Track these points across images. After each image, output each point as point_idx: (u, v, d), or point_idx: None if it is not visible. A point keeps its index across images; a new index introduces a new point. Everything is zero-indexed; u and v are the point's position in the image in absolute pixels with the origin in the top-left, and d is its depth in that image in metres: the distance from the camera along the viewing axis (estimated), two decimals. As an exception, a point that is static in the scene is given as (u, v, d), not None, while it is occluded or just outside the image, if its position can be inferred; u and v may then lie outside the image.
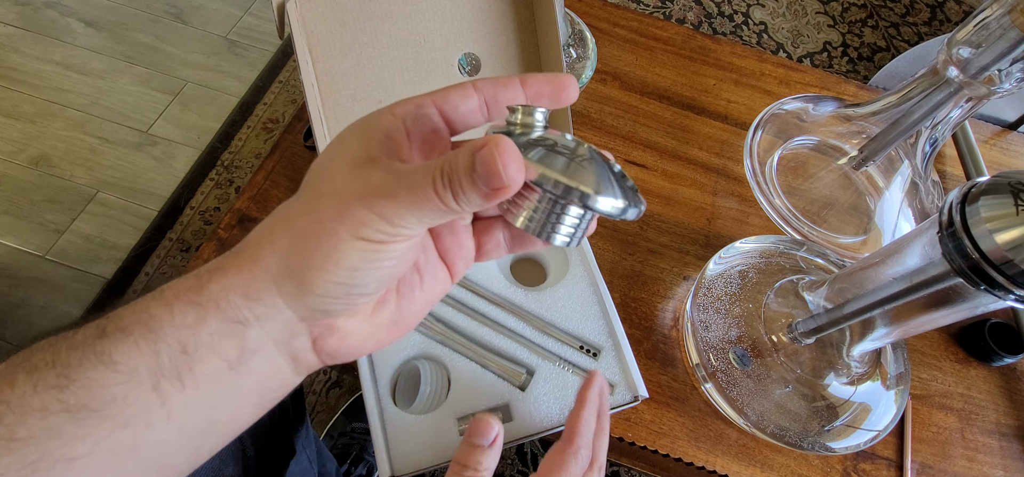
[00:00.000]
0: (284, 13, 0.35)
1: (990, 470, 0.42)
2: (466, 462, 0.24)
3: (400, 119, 0.21)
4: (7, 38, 1.27)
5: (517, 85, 0.21)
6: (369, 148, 0.20)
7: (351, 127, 0.21)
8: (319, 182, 0.20)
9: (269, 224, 0.21)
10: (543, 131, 0.20)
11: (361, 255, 0.19)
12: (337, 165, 0.20)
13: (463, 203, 0.18)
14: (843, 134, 0.51)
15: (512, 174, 0.17)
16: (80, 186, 1.13)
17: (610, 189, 0.18)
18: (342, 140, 0.21)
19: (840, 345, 0.41)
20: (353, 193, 0.19)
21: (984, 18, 0.36)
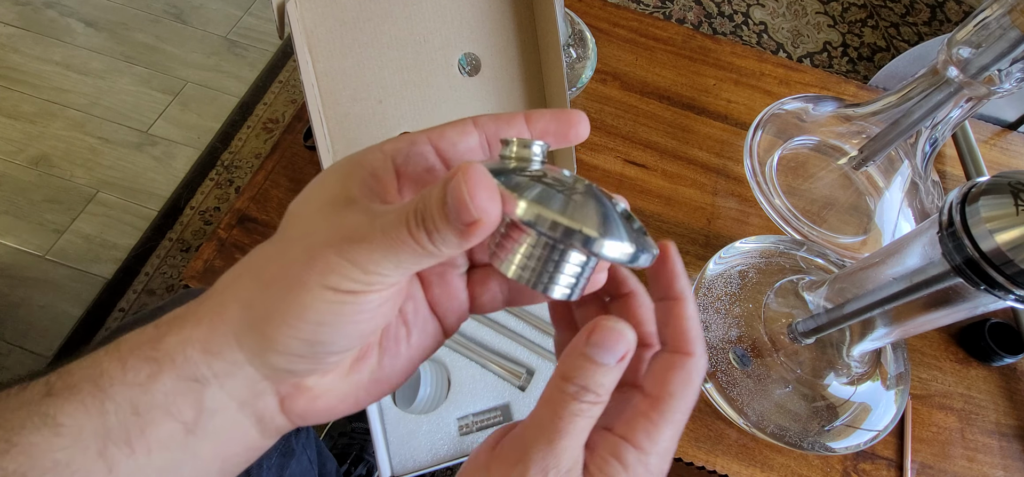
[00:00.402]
0: (284, 13, 0.36)
1: (990, 470, 0.42)
2: (585, 382, 0.18)
3: (389, 157, 0.19)
4: (7, 38, 1.27)
5: (521, 121, 0.20)
6: (348, 188, 0.18)
7: (334, 165, 0.19)
8: (291, 226, 0.18)
9: (237, 270, 0.19)
10: (541, 165, 0.18)
11: (328, 307, 0.17)
12: (312, 207, 0.18)
13: (439, 244, 0.16)
14: (843, 134, 0.51)
15: (482, 204, 0.14)
16: (80, 186, 1.13)
17: (617, 232, 0.16)
18: (322, 179, 0.19)
19: (840, 345, 0.41)
20: (324, 238, 0.17)
21: (984, 18, 0.36)
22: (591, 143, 0.54)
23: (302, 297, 0.17)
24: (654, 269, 0.20)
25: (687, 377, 0.19)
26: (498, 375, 0.44)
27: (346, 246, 0.16)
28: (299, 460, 0.44)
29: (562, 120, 0.20)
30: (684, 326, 0.20)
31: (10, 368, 0.95)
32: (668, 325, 0.20)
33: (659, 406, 0.19)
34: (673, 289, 0.20)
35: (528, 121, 0.20)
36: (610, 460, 0.18)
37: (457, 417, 0.43)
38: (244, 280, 0.18)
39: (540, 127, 0.20)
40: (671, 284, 0.20)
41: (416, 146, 0.19)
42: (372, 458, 0.80)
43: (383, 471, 0.40)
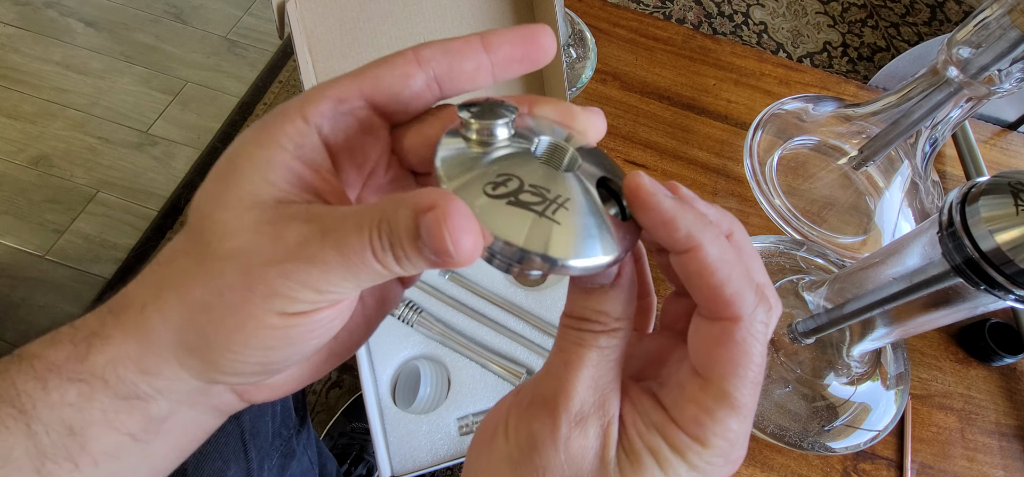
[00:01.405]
0: (284, 13, 0.36)
1: (990, 470, 0.42)
2: (581, 312, 0.16)
3: (312, 127, 0.16)
4: (7, 38, 1.27)
5: (478, 49, 0.16)
6: (274, 183, 0.15)
7: (246, 141, 0.16)
8: (210, 235, 0.15)
9: (154, 280, 0.16)
10: (509, 139, 0.16)
11: (277, 332, 0.15)
12: (232, 211, 0.15)
13: (407, 268, 0.14)
14: (843, 134, 0.51)
15: (465, 249, 0.13)
16: (80, 186, 1.13)
17: (590, 247, 0.14)
18: (234, 167, 0.15)
19: (840, 345, 0.41)
20: (263, 258, 0.14)
21: (984, 18, 0.36)
22: (591, 143, 0.54)
23: (245, 324, 0.15)
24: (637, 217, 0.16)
25: (737, 350, 0.15)
26: (498, 375, 0.44)
27: (293, 267, 0.14)
28: (300, 461, 0.44)
29: (526, 40, 0.16)
30: (712, 284, 0.15)
31: (10, 368, 0.95)
32: (692, 286, 0.15)
33: (711, 391, 0.15)
34: (674, 242, 0.15)
35: (487, 48, 0.16)
36: (663, 449, 0.15)
37: (457, 417, 0.43)
38: (168, 298, 0.16)
39: (503, 54, 0.16)
40: (669, 238, 0.15)
41: (343, 104, 0.16)
42: (372, 458, 0.81)
43: (383, 471, 0.40)
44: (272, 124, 0.16)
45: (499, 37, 0.16)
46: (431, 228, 0.13)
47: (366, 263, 0.14)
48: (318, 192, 0.16)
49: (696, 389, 0.15)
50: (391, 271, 0.14)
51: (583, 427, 0.16)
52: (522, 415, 0.16)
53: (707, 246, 0.15)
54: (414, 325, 0.45)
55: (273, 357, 0.16)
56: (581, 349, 0.16)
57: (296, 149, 0.16)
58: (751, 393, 0.15)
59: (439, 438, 0.42)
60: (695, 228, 0.15)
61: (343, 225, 0.14)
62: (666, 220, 0.15)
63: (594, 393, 0.16)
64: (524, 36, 0.17)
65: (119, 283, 1.03)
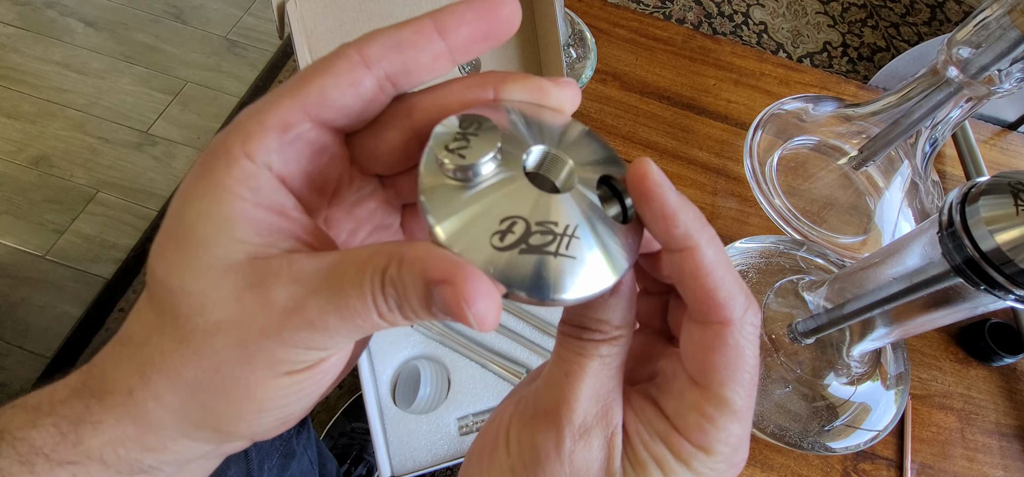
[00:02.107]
0: (284, 13, 0.35)
1: (990, 470, 0.42)
2: (580, 320, 0.15)
3: (260, 164, 0.14)
4: (7, 38, 1.27)
5: (432, 36, 0.14)
6: (243, 241, 0.14)
7: (192, 198, 0.14)
8: (186, 310, 0.14)
9: (134, 364, 0.15)
10: (495, 164, 0.14)
11: (288, 390, 0.15)
12: (205, 280, 0.14)
13: (414, 321, 0.14)
14: (843, 134, 0.51)
15: (489, 320, 0.12)
16: (80, 186, 1.13)
17: (595, 279, 0.14)
18: (192, 232, 0.14)
19: (840, 345, 0.41)
20: (257, 326, 0.14)
21: (984, 18, 0.36)
22: (591, 143, 0.54)
23: (253, 393, 0.14)
24: (639, 211, 0.15)
25: (732, 354, 0.15)
26: (498, 375, 0.44)
27: (290, 333, 0.13)
28: (300, 461, 0.44)
29: (482, 16, 0.15)
30: (706, 285, 0.14)
31: (10, 368, 0.95)
32: (684, 286, 0.15)
33: (710, 398, 0.15)
34: (670, 239, 0.15)
35: (442, 33, 0.14)
36: (668, 458, 0.15)
37: (457, 417, 0.43)
38: (157, 382, 0.15)
39: (462, 36, 0.15)
40: (665, 233, 0.15)
41: (288, 130, 0.14)
42: (372, 458, 0.81)
43: (383, 471, 0.40)
44: (216, 172, 0.14)
45: (453, 18, 0.14)
46: (449, 303, 0.12)
47: (371, 322, 0.13)
48: (290, 235, 0.15)
49: (696, 397, 0.15)
50: (396, 325, 0.14)
51: (587, 439, 0.15)
52: (524, 427, 0.16)
53: (704, 247, 0.14)
54: (414, 325, 0.45)
55: (290, 410, 0.15)
56: (582, 359, 0.15)
57: (253, 195, 0.14)
58: (749, 395, 0.15)
59: (439, 438, 0.42)
60: (694, 227, 0.14)
61: (340, 284, 0.13)
62: (668, 214, 0.14)
63: (597, 403, 0.15)
64: (480, 11, 0.15)
65: (119, 283, 1.04)
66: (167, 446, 0.16)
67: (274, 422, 0.15)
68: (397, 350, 0.44)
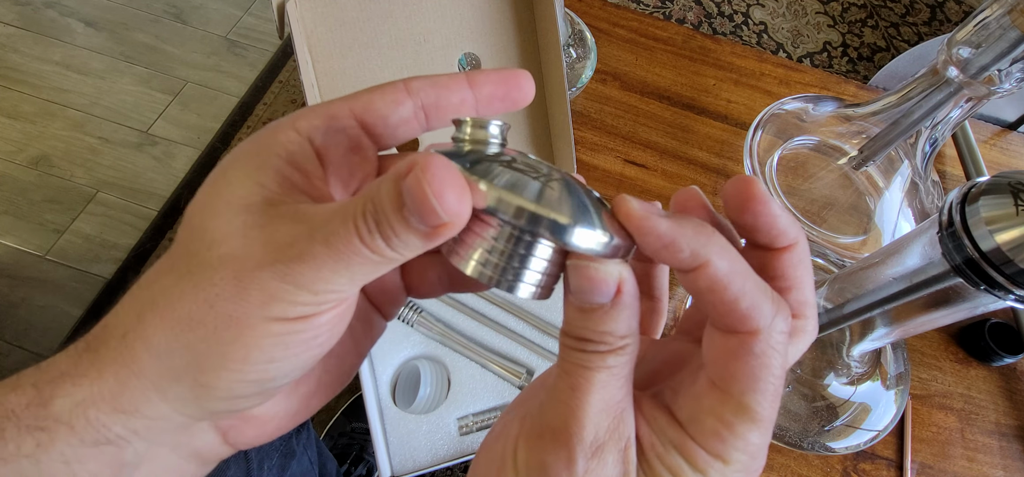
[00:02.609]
0: (284, 13, 0.35)
1: (990, 470, 0.42)
2: (584, 333, 0.14)
3: (305, 137, 0.16)
4: (7, 38, 1.27)
5: (464, 85, 0.17)
6: (264, 185, 0.15)
7: (238, 152, 0.16)
8: (197, 244, 0.14)
9: (136, 307, 0.15)
10: (500, 148, 0.15)
11: (277, 341, 0.14)
12: (222, 217, 0.14)
13: (400, 249, 0.13)
14: (843, 134, 0.51)
15: (451, 204, 0.12)
16: (80, 186, 1.13)
17: (589, 220, 0.14)
18: (225, 175, 0.15)
19: (840, 345, 0.41)
20: (254, 259, 0.14)
21: (984, 18, 0.36)
22: (591, 143, 0.54)
23: (243, 337, 0.14)
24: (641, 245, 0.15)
25: (757, 363, 0.14)
26: (498, 375, 0.44)
27: (286, 267, 0.14)
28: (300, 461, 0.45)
29: (508, 82, 0.17)
30: (726, 299, 0.14)
31: (10, 368, 0.95)
32: (703, 303, 0.15)
33: (731, 404, 0.14)
34: (681, 259, 0.14)
35: (471, 84, 0.17)
36: (684, 468, 0.15)
37: (457, 417, 0.43)
38: (150, 320, 0.14)
39: (486, 91, 0.17)
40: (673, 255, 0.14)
41: (336, 121, 0.16)
42: (372, 458, 0.81)
43: (383, 471, 0.40)
44: (265, 134, 0.16)
45: (484, 77, 0.17)
46: (412, 188, 0.12)
47: (355, 251, 0.13)
48: (310, 195, 0.16)
49: (714, 402, 0.14)
50: (383, 256, 0.13)
51: (601, 457, 0.14)
52: (532, 447, 0.15)
53: (714, 260, 0.14)
54: (414, 325, 0.45)
55: (273, 371, 0.15)
56: (589, 372, 0.14)
57: (288, 155, 0.15)
58: (772, 405, 0.14)
59: (439, 438, 0.42)
60: (698, 243, 0.14)
61: (330, 217, 0.14)
62: (666, 243, 0.14)
63: (607, 416, 0.15)
64: (506, 79, 0.17)
65: (119, 283, 1.04)
66: (139, 407, 0.15)
67: (253, 382, 0.15)
68: (397, 350, 0.44)
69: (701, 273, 0.14)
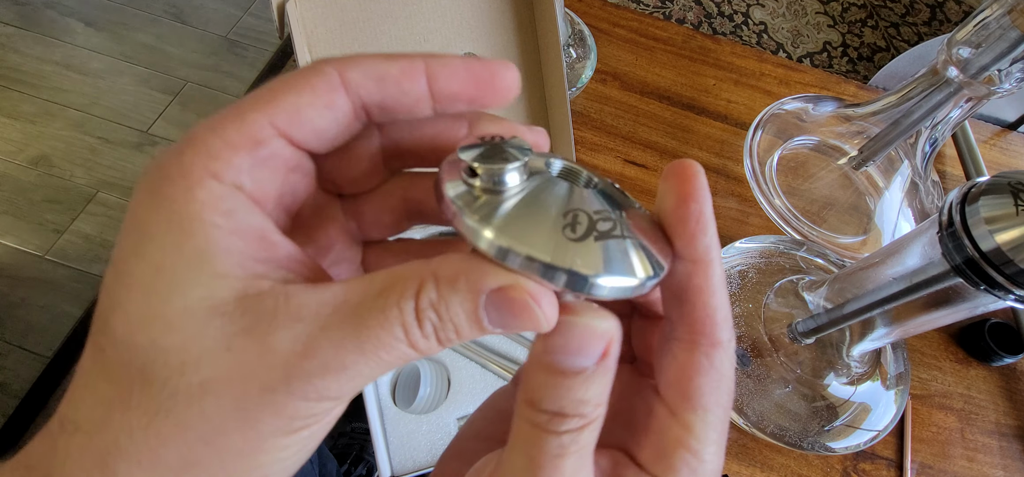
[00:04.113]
0: (284, 13, 0.35)
1: (990, 470, 0.42)
2: (558, 405, 0.12)
3: (228, 184, 0.12)
4: (7, 38, 1.27)
5: (419, 78, 0.13)
6: (227, 273, 0.12)
7: (153, 233, 0.12)
8: (162, 371, 0.11)
9: (93, 455, 0.12)
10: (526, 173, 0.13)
11: (294, 449, 0.12)
12: (185, 331, 0.11)
13: (450, 345, 0.12)
14: (843, 134, 0.51)
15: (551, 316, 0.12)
16: (80, 186, 1.13)
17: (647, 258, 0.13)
18: (160, 272, 0.12)
19: (840, 345, 0.41)
20: (259, 380, 0.11)
21: (984, 18, 0.36)
22: (591, 143, 0.54)
23: (255, 458, 0.12)
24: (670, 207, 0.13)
25: (720, 378, 0.13)
26: (498, 375, 0.44)
27: (306, 383, 0.11)
28: (299, 460, 0.44)
29: (479, 80, 0.14)
30: (710, 303, 0.13)
31: (10, 368, 0.95)
32: (686, 301, 0.13)
33: (696, 430, 0.13)
34: (694, 246, 0.13)
35: (431, 81, 0.13)
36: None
37: (457, 417, 0.43)
38: (126, 471, 0.12)
39: (447, 91, 0.13)
40: (693, 238, 0.13)
41: (260, 147, 0.12)
42: (372, 458, 0.80)
43: (383, 471, 0.40)
44: (176, 198, 0.12)
45: (446, 69, 0.13)
46: (515, 308, 0.11)
47: (399, 353, 0.12)
48: (277, 264, 0.13)
49: (680, 433, 0.13)
50: (430, 352, 0.12)
51: None
52: None
53: (717, 264, 0.13)
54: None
55: (292, 464, 0.13)
56: (559, 461, 0.12)
57: (227, 220, 0.12)
58: (727, 422, 0.14)
59: (439, 438, 0.42)
60: (715, 242, 0.13)
61: (358, 317, 0.11)
62: (704, 220, 0.13)
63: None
64: (474, 72, 0.14)
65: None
66: None
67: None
68: (397, 350, 0.44)
69: (702, 269, 0.13)
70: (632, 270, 0.12)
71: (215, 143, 0.12)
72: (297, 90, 0.13)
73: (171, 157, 0.12)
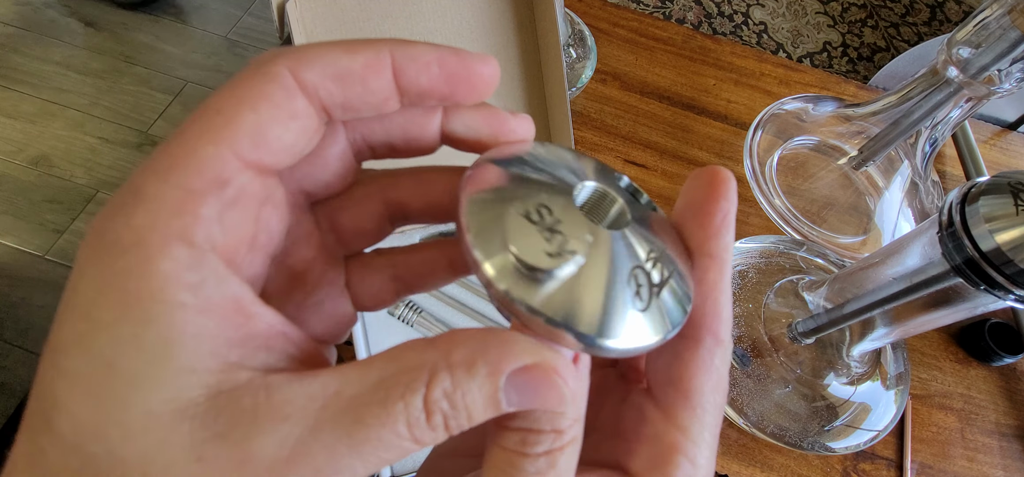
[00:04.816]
0: (284, 13, 0.35)
1: (990, 470, 0.42)
2: (529, 421, 0.11)
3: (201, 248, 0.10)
4: (7, 38, 1.27)
5: (384, 73, 0.12)
6: (196, 368, 0.10)
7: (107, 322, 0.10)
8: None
9: None
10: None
11: None
12: (147, 437, 0.10)
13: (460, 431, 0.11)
14: (843, 134, 0.51)
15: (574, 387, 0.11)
16: (80, 186, 1.13)
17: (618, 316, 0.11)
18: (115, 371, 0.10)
19: (840, 345, 0.41)
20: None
21: (984, 18, 0.36)
22: (591, 143, 0.54)
23: None
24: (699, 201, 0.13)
25: (719, 379, 0.13)
26: (498, 375, 0.44)
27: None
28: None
29: (452, 72, 0.12)
30: (720, 300, 0.13)
31: (10, 368, 0.95)
32: (697, 295, 0.13)
33: (692, 433, 0.13)
34: (718, 242, 0.13)
35: (398, 75, 0.12)
36: None
37: (457, 417, 0.43)
38: None
39: (419, 85, 0.12)
40: (718, 234, 0.13)
41: (225, 188, 0.10)
42: (372, 458, 0.80)
43: (383, 471, 0.40)
44: (131, 274, 0.10)
45: (415, 63, 0.12)
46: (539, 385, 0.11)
47: (401, 450, 0.10)
48: (258, 344, 0.11)
49: (677, 438, 0.13)
50: (435, 443, 0.11)
51: None
52: None
53: (730, 263, 0.13)
54: (414, 325, 0.45)
55: None
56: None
57: (195, 297, 0.10)
58: (720, 424, 0.14)
59: (439, 438, 0.42)
60: (730, 240, 0.13)
61: (355, 416, 0.10)
62: (728, 217, 0.13)
63: None
64: (448, 65, 0.12)
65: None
66: None
67: None
68: (397, 350, 0.44)
69: (716, 265, 0.13)
70: (674, 321, 0.12)
71: (171, 195, 0.10)
72: (253, 105, 0.11)
73: (118, 219, 0.10)
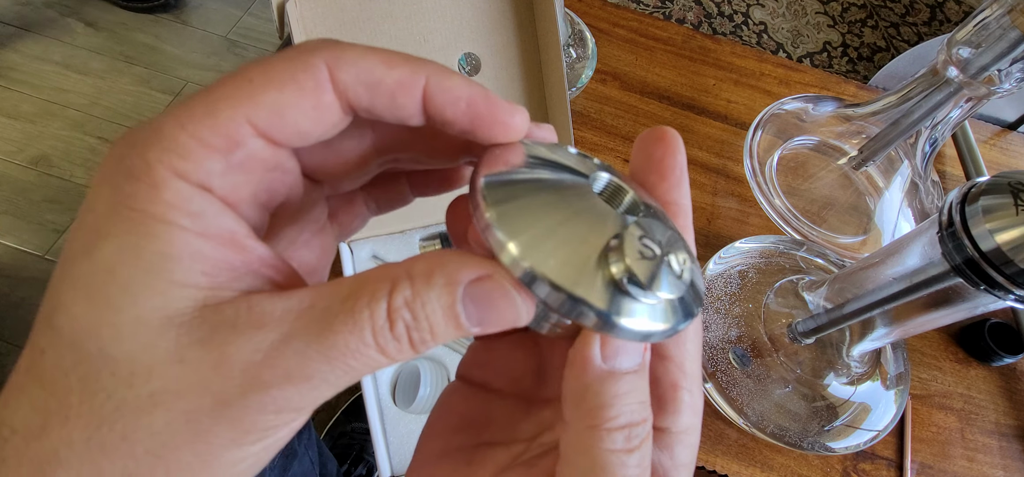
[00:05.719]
0: (284, 13, 0.35)
1: (990, 470, 0.42)
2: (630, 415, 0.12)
3: (196, 185, 0.11)
4: (7, 38, 1.27)
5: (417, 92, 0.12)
6: (187, 282, 0.11)
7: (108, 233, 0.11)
8: (109, 382, 0.11)
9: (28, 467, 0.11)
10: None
11: (251, 460, 0.12)
12: (135, 340, 0.11)
13: (425, 350, 0.12)
14: (843, 134, 0.51)
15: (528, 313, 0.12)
16: (80, 186, 1.13)
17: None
18: (114, 276, 0.11)
19: (840, 345, 0.41)
20: (213, 393, 0.11)
21: (984, 18, 0.36)
22: (591, 143, 0.54)
23: (209, 473, 0.11)
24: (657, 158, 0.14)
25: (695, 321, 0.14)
26: (498, 375, 0.44)
27: (264, 395, 0.11)
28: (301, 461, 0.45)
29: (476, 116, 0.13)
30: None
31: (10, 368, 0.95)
32: None
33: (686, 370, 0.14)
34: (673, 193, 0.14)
35: (428, 100, 0.13)
36: None
37: (457, 417, 0.43)
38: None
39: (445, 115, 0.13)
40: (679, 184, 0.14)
41: (235, 148, 0.11)
42: (372, 458, 0.81)
43: (383, 471, 0.40)
44: (138, 196, 0.11)
45: (446, 95, 0.13)
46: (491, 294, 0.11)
47: (367, 360, 0.11)
48: (247, 270, 0.12)
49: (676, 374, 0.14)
50: (401, 358, 0.12)
51: None
52: None
53: (689, 210, 0.15)
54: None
55: (252, 472, 0.12)
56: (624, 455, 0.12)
57: (194, 223, 0.11)
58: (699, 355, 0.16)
59: (439, 438, 0.42)
60: (688, 188, 0.15)
61: (325, 321, 0.11)
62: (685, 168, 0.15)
63: None
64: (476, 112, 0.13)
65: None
66: None
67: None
68: (397, 350, 0.44)
69: (683, 211, 0.15)
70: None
71: (185, 142, 0.11)
72: (280, 85, 0.11)
73: (135, 151, 0.11)
